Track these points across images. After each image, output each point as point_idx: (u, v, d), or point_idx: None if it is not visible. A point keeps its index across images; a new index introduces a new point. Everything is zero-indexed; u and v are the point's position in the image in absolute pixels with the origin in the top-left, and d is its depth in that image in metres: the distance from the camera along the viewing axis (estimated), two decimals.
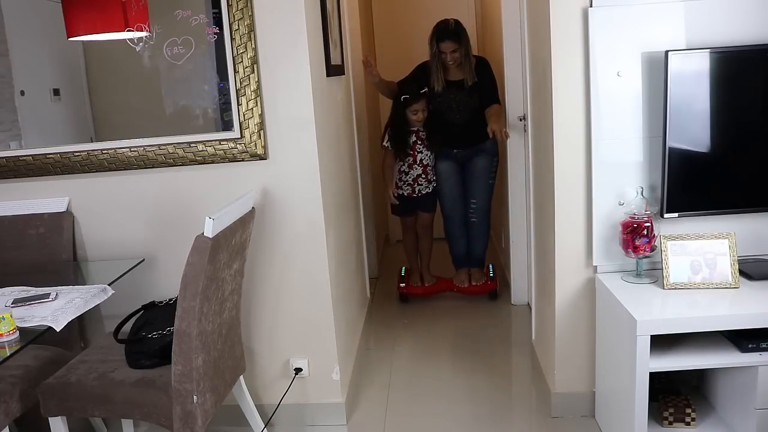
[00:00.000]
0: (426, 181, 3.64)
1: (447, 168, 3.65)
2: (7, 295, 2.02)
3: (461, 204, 3.69)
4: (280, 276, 2.44)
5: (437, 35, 3.38)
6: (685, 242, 2.12)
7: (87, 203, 2.46)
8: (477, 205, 3.66)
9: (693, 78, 2.08)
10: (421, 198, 3.68)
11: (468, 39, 3.43)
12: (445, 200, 3.71)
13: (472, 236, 3.74)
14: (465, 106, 3.48)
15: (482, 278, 3.76)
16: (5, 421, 1.94)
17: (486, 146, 3.55)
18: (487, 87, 3.46)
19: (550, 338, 2.52)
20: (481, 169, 3.61)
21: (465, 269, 3.79)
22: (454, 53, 3.38)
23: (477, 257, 3.77)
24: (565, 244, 2.32)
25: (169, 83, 2.43)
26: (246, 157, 2.34)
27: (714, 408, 2.20)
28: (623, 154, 2.21)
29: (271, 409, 2.51)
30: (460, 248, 3.77)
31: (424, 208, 3.75)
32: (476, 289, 3.74)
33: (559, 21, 2.18)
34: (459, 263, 3.81)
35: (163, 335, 2.01)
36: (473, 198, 3.66)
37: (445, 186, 3.67)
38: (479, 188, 3.64)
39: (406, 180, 3.64)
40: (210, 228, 1.80)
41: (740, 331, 1.94)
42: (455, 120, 3.52)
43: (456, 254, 3.81)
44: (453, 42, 3.35)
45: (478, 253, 3.76)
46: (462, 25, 3.41)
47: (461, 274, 3.80)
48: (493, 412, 2.57)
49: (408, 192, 3.66)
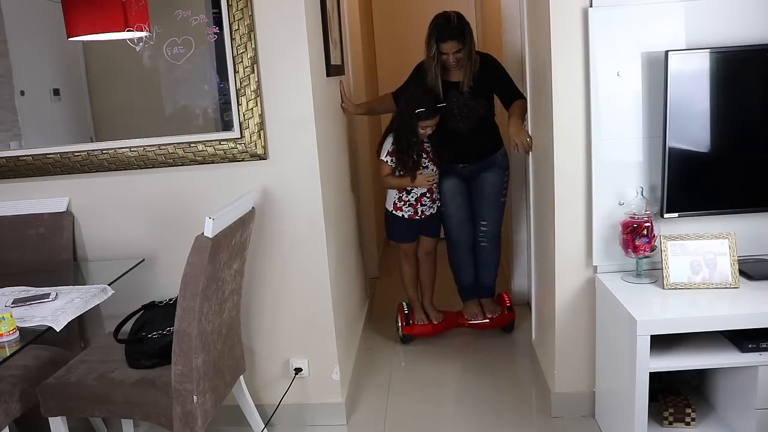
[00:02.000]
0: (430, 200, 3.14)
1: (452, 186, 3.16)
2: (7, 295, 2.02)
3: (469, 227, 3.20)
4: (280, 276, 2.44)
5: (437, 34, 2.93)
6: (685, 242, 2.12)
7: (87, 203, 2.46)
8: (487, 227, 3.18)
9: (693, 78, 2.08)
10: (425, 220, 3.17)
11: (472, 35, 2.97)
12: (450, 223, 3.20)
13: (481, 263, 3.26)
14: (470, 113, 3.03)
15: (497, 310, 3.27)
16: (5, 421, 1.94)
17: (496, 159, 3.14)
18: (504, 84, 3.04)
19: (550, 338, 2.52)
20: (491, 185, 3.14)
21: (474, 300, 3.31)
22: (457, 54, 2.93)
23: (488, 287, 3.30)
24: (565, 244, 2.32)
25: (169, 83, 2.43)
26: (246, 157, 2.34)
27: (714, 408, 2.20)
28: (623, 154, 2.21)
29: (271, 409, 2.51)
30: (467, 277, 3.29)
31: (428, 232, 3.24)
32: (492, 324, 3.26)
33: (559, 21, 2.18)
34: (467, 294, 3.32)
35: (163, 335, 2.01)
36: (483, 219, 3.18)
37: (451, 207, 3.17)
38: (489, 208, 3.16)
39: (407, 200, 3.12)
40: (210, 228, 1.80)
41: (740, 331, 1.94)
42: (458, 129, 3.05)
43: (463, 284, 3.32)
44: (456, 41, 2.90)
45: (489, 282, 3.29)
46: (464, 19, 2.96)
47: (471, 306, 3.30)
48: (493, 412, 2.57)
49: (409, 214, 3.14)
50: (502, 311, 3.27)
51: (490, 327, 3.25)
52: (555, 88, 2.22)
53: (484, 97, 3.03)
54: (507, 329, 3.28)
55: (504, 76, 3.07)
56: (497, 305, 3.30)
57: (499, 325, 3.26)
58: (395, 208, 3.15)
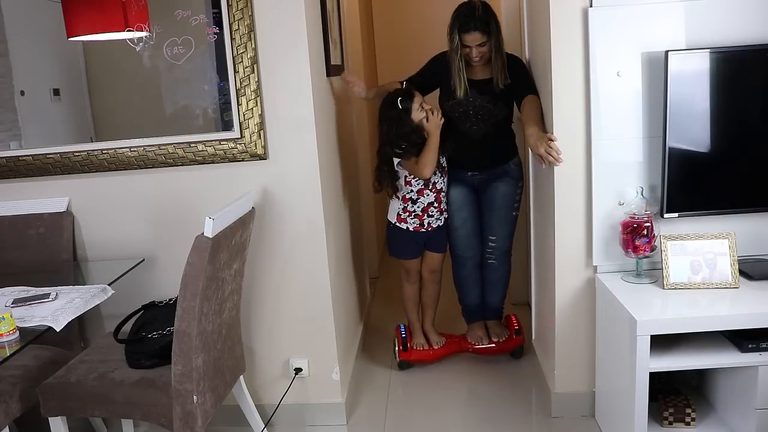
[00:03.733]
0: (438, 211, 2.80)
1: (459, 196, 2.85)
2: (7, 295, 2.02)
3: (476, 242, 2.89)
4: (280, 276, 2.44)
5: (460, 24, 2.58)
6: (685, 242, 2.12)
7: (87, 203, 2.46)
8: (497, 243, 2.87)
9: (693, 78, 2.08)
10: (432, 234, 2.84)
11: (499, 28, 2.62)
12: (456, 237, 2.89)
13: (488, 282, 2.96)
14: (486, 116, 2.69)
15: (504, 333, 2.97)
16: (5, 421, 1.94)
17: (509, 168, 2.82)
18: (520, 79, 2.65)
19: (550, 338, 2.52)
20: (502, 197, 2.82)
21: (480, 323, 3.01)
22: (481, 47, 2.59)
23: (495, 308, 3.01)
24: (565, 244, 2.32)
25: (169, 83, 2.43)
26: (246, 157, 2.34)
27: (714, 408, 2.20)
28: (623, 154, 2.21)
29: (271, 409, 2.51)
30: (473, 297, 2.99)
31: (434, 247, 2.90)
32: (498, 349, 2.95)
33: (559, 21, 2.18)
34: (472, 316, 3.03)
35: (163, 335, 2.01)
36: (492, 234, 2.86)
37: (457, 218, 2.85)
38: (500, 222, 2.84)
39: (413, 210, 2.78)
40: (210, 228, 1.80)
41: (740, 331, 1.94)
42: (471, 133, 2.73)
43: (468, 305, 3.02)
44: (480, 33, 2.56)
45: (497, 302, 3.00)
46: (491, 10, 2.61)
47: (476, 329, 3.00)
48: (493, 412, 2.57)
49: (415, 226, 2.80)
50: (510, 335, 2.97)
51: (497, 352, 2.96)
52: (555, 88, 2.22)
53: (503, 102, 2.70)
54: (515, 354, 2.98)
55: (525, 74, 2.68)
56: (504, 328, 3.00)
57: (506, 351, 2.97)
58: (399, 219, 2.83)
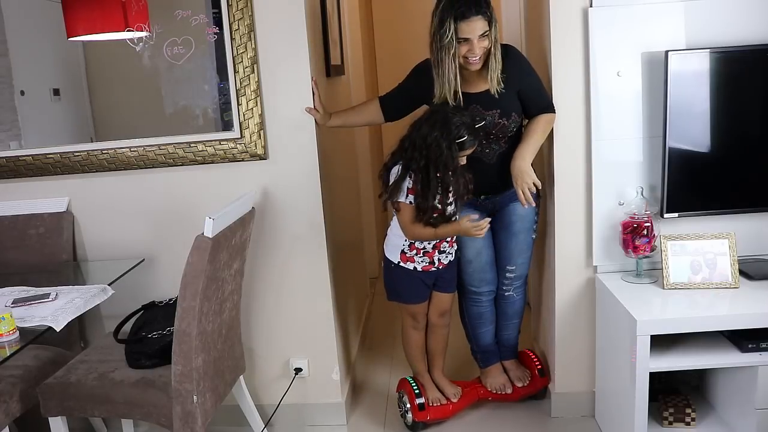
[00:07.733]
0: (449, 245, 2.34)
1: None
2: (7, 295, 2.02)
3: (492, 274, 2.46)
4: (280, 276, 2.44)
5: (456, 10, 2.03)
6: (685, 242, 2.12)
7: (87, 203, 2.46)
8: (515, 273, 2.45)
9: (693, 78, 2.08)
10: (443, 271, 2.36)
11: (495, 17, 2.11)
12: (469, 271, 2.43)
13: (504, 316, 2.54)
14: (500, 132, 2.23)
15: (525, 376, 2.56)
16: (5, 421, 1.94)
17: None
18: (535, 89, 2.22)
19: (550, 338, 2.52)
20: (521, 220, 2.38)
21: (497, 366, 2.58)
22: (482, 39, 2.07)
23: (511, 346, 2.60)
24: (565, 244, 2.32)
25: (169, 83, 2.43)
26: (246, 157, 2.34)
27: (714, 408, 2.20)
28: (623, 154, 2.21)
29: (271, 409, 2.51)
30: (487, 337, 2.55)
31: (444, 287, 2.42)
32: (523, 393, 2.56)
33: (559, 21, 2.18)
34: (488, 358, 2.58)
35: (163, 335, 2.01)
36: (510, 264, 2.44)
37: (470, 250, 2.40)
38: (519, 249, 2.42)
39: (421, 247, 2.29)
40: (210, 228, 1.80)
41: (740, 331, 1.94)
42: (483, 156, 2.26)
43: (482, 346, 2.57)
44: (482, 18, 2.04)
45: (512, 339, 2.59)
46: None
47: (496, 375, 2.57)
48: (493, 412, 2.57)
49: (424, 265, 2.31)
50: (533, 376, 2.57)
51: (519, 398, 2.57)
52: (555, 88, 2.22)
53: (516, 110, 2.21)
54: (539, 397, 2.59)
55: (534, 77, 2.24)
56: (525, 369, 2.60)
57: (532, 393, 2.58)
58: (404, 259, 2.31)
